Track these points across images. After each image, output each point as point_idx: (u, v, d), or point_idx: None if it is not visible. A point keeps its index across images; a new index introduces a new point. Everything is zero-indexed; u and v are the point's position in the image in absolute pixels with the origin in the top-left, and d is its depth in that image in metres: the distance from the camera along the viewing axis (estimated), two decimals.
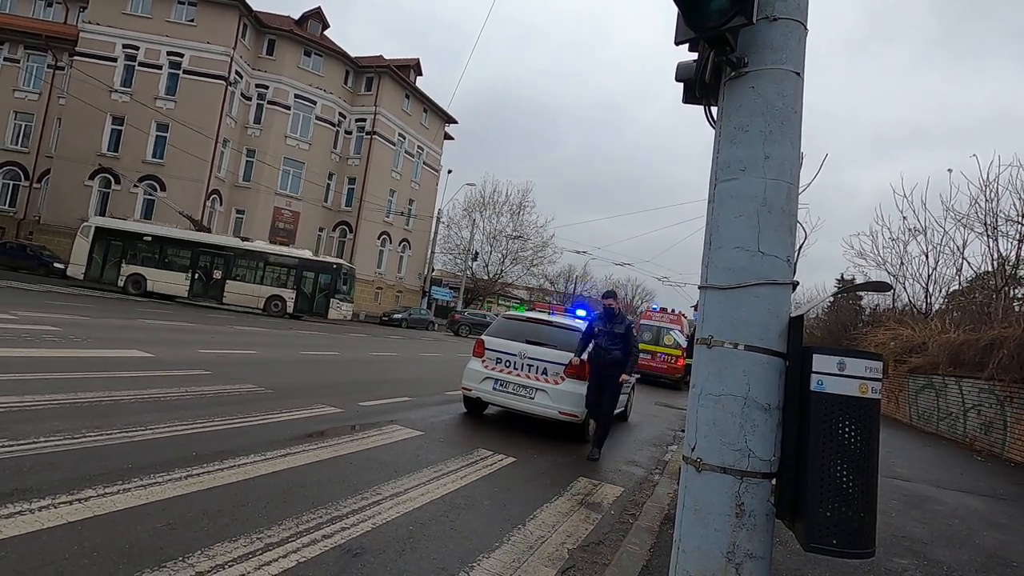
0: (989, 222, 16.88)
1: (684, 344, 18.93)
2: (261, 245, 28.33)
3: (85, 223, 26.52)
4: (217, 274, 26.53)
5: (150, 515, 3.28)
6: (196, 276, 26.35)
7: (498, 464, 5.77)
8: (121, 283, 25.64)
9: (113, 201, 30.25)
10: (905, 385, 16.19)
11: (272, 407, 6.48)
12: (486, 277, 49.27)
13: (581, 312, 9.13)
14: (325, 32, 37.12)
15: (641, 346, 20.34)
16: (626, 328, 6.80)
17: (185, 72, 30.70)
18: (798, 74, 2.33)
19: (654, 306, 24.65)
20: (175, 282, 26.07)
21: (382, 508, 4.01)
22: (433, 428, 6.91)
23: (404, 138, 40.06)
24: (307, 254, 28.26)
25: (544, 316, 8.33)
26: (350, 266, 29.07)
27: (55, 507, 3.16)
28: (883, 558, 4.34)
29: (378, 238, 38.87)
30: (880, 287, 5.85)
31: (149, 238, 26.25)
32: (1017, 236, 16.35)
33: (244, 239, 28.57)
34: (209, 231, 29.35)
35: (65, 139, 30.40)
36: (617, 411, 9.40)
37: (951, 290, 20.46)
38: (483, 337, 7.92)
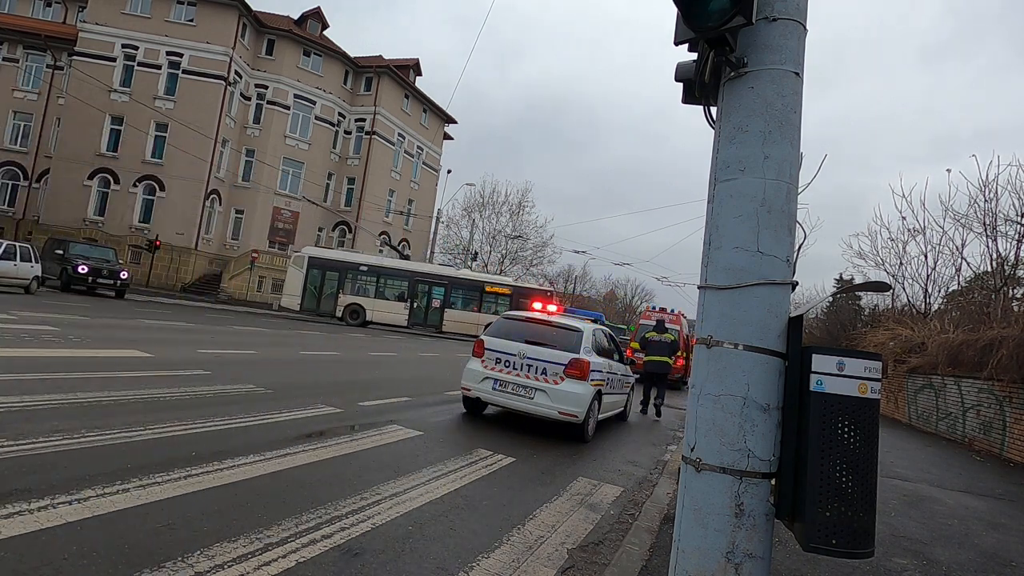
0: (988, 222, 16.90)
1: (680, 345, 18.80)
2: (469, 273, 29.16)
3: (297, 253, 27.15)
4: (436, 303, 27.16)
5: (149, 515, 3.28)
6: (414, 306, 26.89)
7: (497, 464, 5.77)
8: (339, 314, 26.15)
9: (112, 201, 30.24)
10: (904, 385, 16.20)
11: (272, 407, 6.48)
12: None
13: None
14: (324, 32, 37.12)
15: (638, 345, 20.01)
16: None
17: (184, 72, 30.68)
18: (797, 74, 2.34)
19: (653, 306, 24.64)
20: (394, 312, 26.76)
21: (381, 508, 4.01)
22: (432, 428, 6.90)
23: (403, 138, 40.06)
24: (507, 280, 29.32)
25: (543, 316, 8.33)
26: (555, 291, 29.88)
27: (54, 507, 3.16)
28: (882, 558, 4.35)
29: (377, 238, 38.85)
30: (879, 287, 5.87)
31: (365, 268, 26.80)
32: (1016, 236, 16.38)
33: (456, 267, 29.48)
34: (408, 258, 29.85)
35: (64, 139, 30.38)
36: (616, 411, 9.45)
37: (950, 290, 20.49)
38: (483, 337, 7.92)
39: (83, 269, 19.16)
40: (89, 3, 30.97)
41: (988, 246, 17.00)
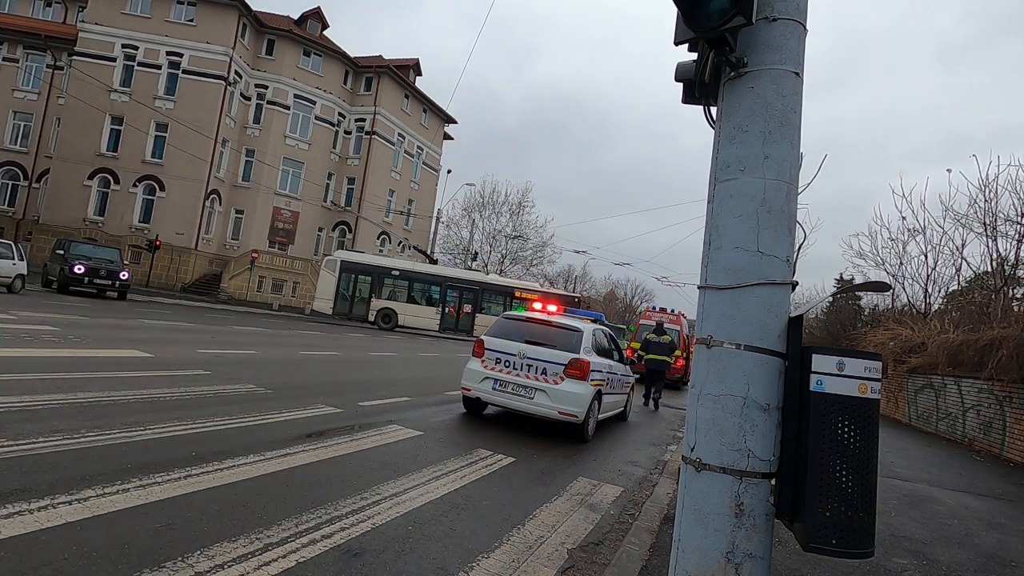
0: (988, 222, 16.91)
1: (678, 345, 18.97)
2: (498, 279, 29.83)
3: (329, 257, 27.46)
4: (467, 308, 27.65)
5: (149, 515, 3.28)
6: (446, 310, 27.39)
7: (497, 464, 5.77)
8: (372, 318, 26.49)
9: (112, 201, 30.23)
10: (904, 385, 16.20)
11: (272, 407, 6.48)
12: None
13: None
14: (324, 32, 37.11)
15: (639, 346, 20.47)
16: None
17: (184, 72, 30.67)
18: (798, 74, 2.34)
19: (653, 306, 24.65)
20: (425, 316, 27.25)
21: (381, 508, 4.01)
22: (432, 428, 6.90)
23: (403, 138, 40.06)
24: (536, 285, 30.00)
25: (543, 316, 8.33)
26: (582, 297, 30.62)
27: (54, 507, 3.16)
28: (882, 558, 4.35)
29: (377, 238, 38.85)
30: (879, 287, 5.89)
31: (397, 273, 27.22)
32: (1016, 236, 16.38)
33: (485, 272, 30.09)
34: (436, 263, 30.19)
35: (64, 139, 30.38)
36: (616, 411, 9.46)
37: (950, 290, 20.50)
38: (482, 337, 7.91)
39: (79, 269, 18.89)
40: (89, 3, 30.95)
41: (988, 246, 17.03)
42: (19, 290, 16.71)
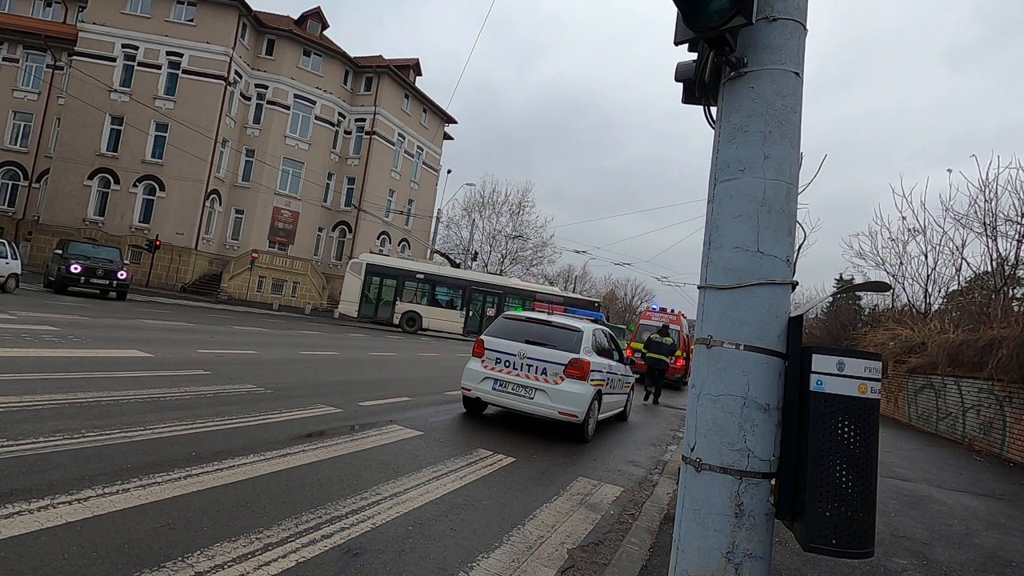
0: (988, 222, 16.93)
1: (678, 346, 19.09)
2: (518, 282, 30.37)
3: (354, 260, 27.93)
4: (491, 311, 28.15)
5: (149, 515, 3.28)
6: (470, 314, 28.03)
7: (498, 464, 5.77)
8: (396, 321, 27.07)
9: (112, 201, 30.23)
10: (904, 385, 16.20)
11: (271, 407, 6.48)
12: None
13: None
14: (324, 32, 37.11)
15: (640, 346, 20.51)
16: None
17: (184, 72, 30.66)
18: (798, 74, 2.34)
19: (653, 306, 24.66)
20: (449, 319, 27.90)
21: (382, 508, 4.01)
22: (432, 428, 6.90)
23: (403, 138, 40.06)
24: (557, 290, 30.45)
25: (543, 316, 8.33)
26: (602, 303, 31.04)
27: (54, 507, 3.16)
28: (882, 558, 4.35)
29: (377, 238, 38.86)
30: (879, 287, 5.89)
31: (421, 276, 27.78)
32: (1016, 236, 16.40)
33: (502, 275, 30.47)
34: (458, 266, 30.59)
35: (64, 139, 30.36)
36: (616, 411, 9.46)
37: (950, 290, 20.52)
38: (483, 337, 7.92)
39: (76, 269, 18.70)
40: (89, 3, 30.94)
41: (988, 246, 17.05)
42: (12, 289, 16.45)
